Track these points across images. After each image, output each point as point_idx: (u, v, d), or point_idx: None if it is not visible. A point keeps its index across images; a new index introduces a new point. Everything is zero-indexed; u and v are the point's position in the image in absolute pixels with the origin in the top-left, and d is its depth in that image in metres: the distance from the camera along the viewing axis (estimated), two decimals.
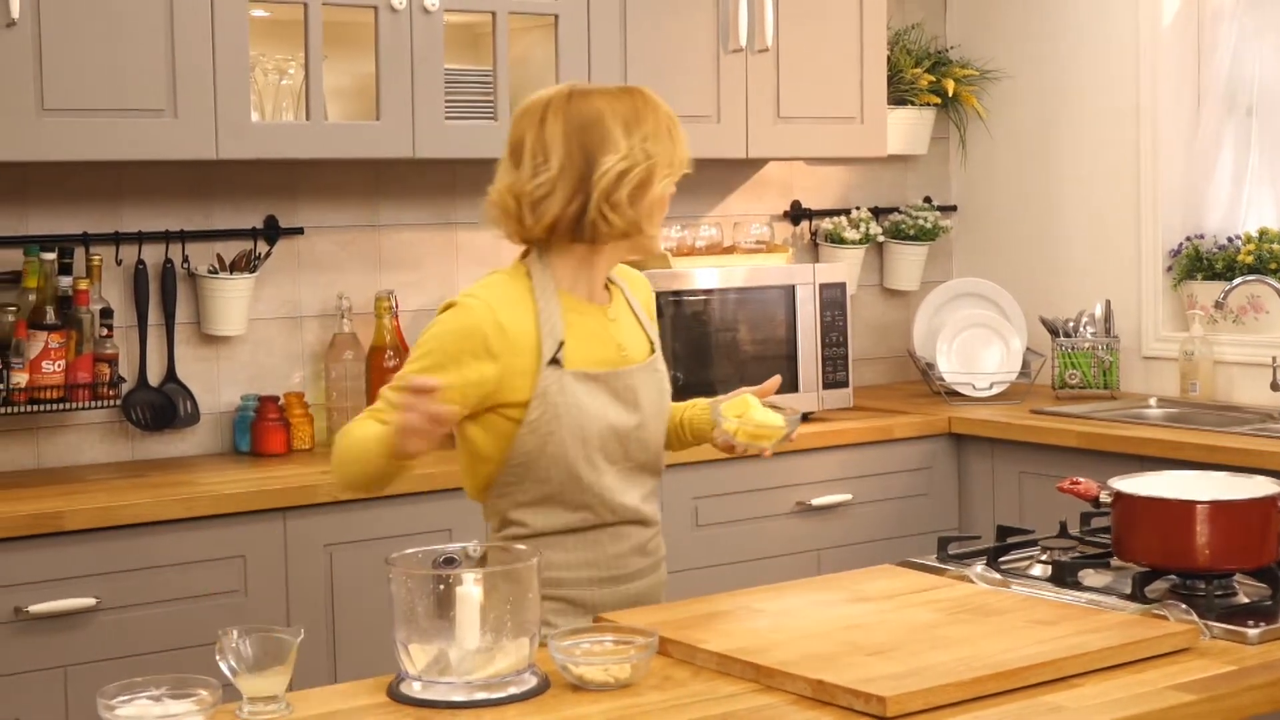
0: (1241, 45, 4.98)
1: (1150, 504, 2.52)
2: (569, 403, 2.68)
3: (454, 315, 2.69)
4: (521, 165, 2.71)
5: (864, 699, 2.02)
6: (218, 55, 3.89)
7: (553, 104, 2.71)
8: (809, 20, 4.78)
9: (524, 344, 2.68)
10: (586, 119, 2.67)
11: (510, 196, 2.73)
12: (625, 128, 2.67)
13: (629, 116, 2.68)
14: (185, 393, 4.24)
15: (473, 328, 2.66)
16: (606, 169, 2.64)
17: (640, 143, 2.67)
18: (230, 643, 2.10)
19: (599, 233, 2.68)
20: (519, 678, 2.15)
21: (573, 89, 2.73)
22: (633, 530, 2.80)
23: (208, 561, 3.69)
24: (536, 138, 2.70)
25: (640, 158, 2.67)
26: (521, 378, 2.67)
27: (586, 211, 2.66)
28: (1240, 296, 4.87)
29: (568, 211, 2.67)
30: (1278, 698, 2.16)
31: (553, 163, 2.67)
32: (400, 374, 2.70)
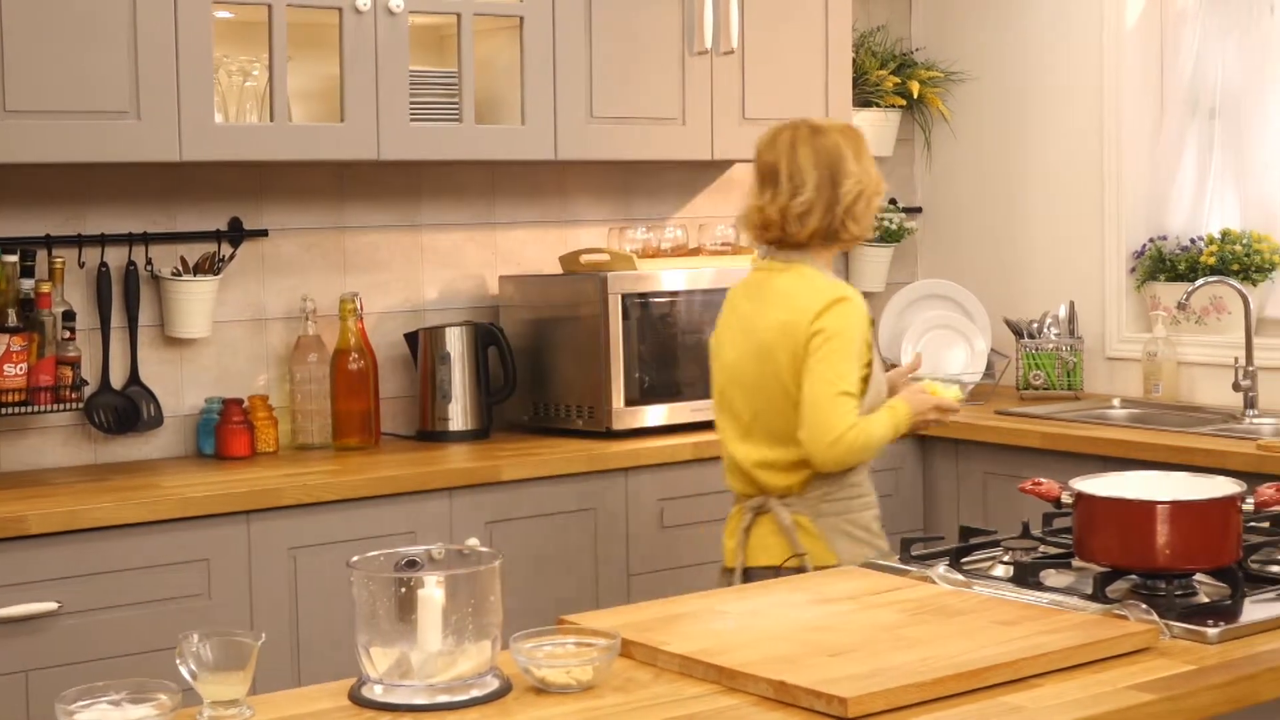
0: (1204, 47, 5.01)
1: (1111, 504, 2.53)
2: (877, 365, 3.53)
3: (856, 306, 3.46)
4: (779, 187, 3.49)
5: (825, 700, 2.02)
6: (181, 57, 3.88)
7: (799, 137, 3.50)
8: (774, 22, 4.79)
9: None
10: (830, 150, 3.48)
11: (775, 211, 3.49)
12: (855, 156, 3.49)
13: (854, 148, 3.50)
14: (148, 395, 4.23)
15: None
16: (848, 190, 3.46)
17: (864, 168, 3.49)
18: (190, 646, 2.09)
19: (841, 239, 3.51)
20: (481, 680, 2.14)
21: (810, 125, 3.52)
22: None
23: (171, 565, 3.68)
24: (790, 164, 3.49)
25: (867, 180, 3.49)
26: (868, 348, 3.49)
27: (833, 222, 3.47)
28: (1203, 297, 4.89)
29: (823, 223, 3.47)
30: (1237, 697, 2.17)
31: (809, 185, 3.46)
32: (849, 364, 3.41)
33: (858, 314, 3.42)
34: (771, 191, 3.48)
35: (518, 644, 2.18)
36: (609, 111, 4.52)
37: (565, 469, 4.20)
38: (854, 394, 3.36)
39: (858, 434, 3.35)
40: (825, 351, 3.36)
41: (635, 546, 4.31)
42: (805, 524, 3.47)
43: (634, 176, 5.03)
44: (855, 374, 3.38)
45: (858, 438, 3.35)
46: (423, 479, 4.01)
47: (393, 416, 4.61)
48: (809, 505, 3.48)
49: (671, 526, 4.37)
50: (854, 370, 3.38)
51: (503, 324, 4.66)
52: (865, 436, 3.37)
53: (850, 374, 3.37)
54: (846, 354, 3.37)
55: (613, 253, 4.63)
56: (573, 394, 4.52)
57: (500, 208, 4.81)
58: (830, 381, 3.35)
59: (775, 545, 3.50)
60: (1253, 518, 2.83)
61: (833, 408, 3.34)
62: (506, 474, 4.11)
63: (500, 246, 4.82)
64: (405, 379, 4.64)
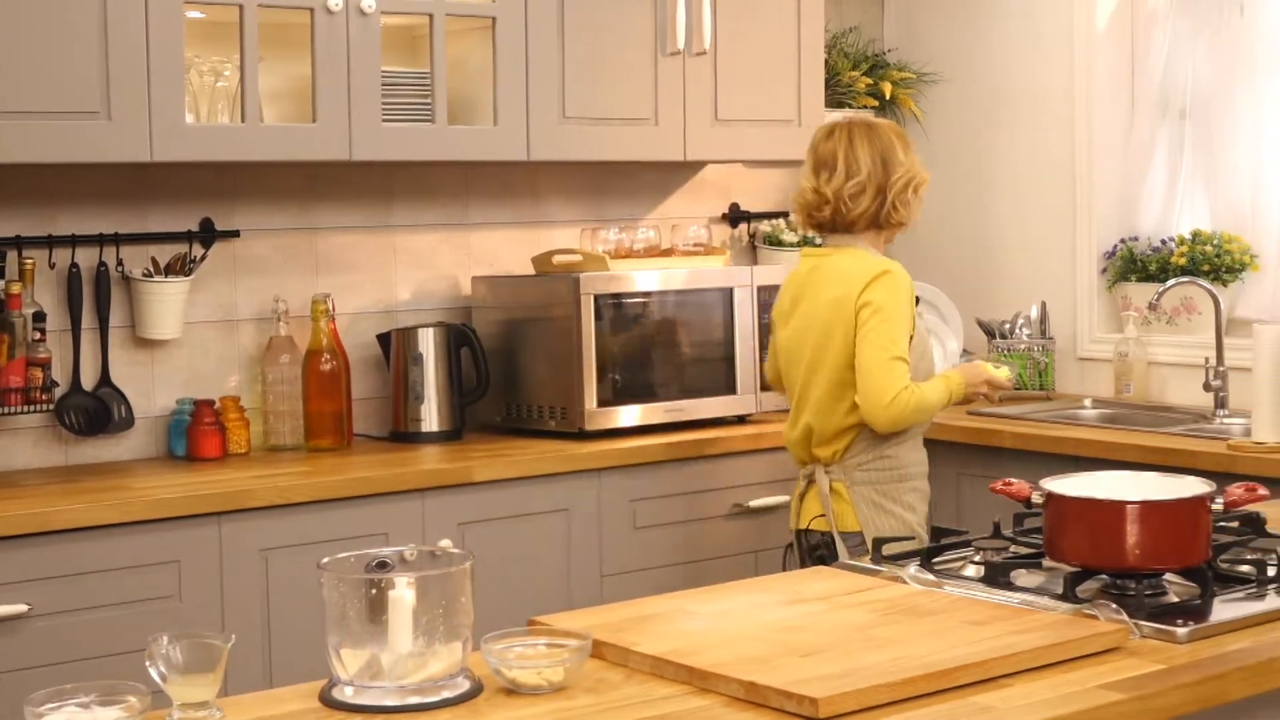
0: (1175, 49, 5.03)
1: (1081, 504, 2.53)
2: (923, 334, 3.91)
3: (900, 278, 3.79)
4: (835, 170, 3.83)
5: (796, 700, 2.02)
6: (152, 57, 3.87)
7: (855, 130, 3.87)
8: (746, 23, 4.80)
9: None
10: (884, 142, 3.84)
11: (830, 192, 3.82)
12: (904, 149, 3.86)
13: (903, 143, 3.87)
14: (119, 397, 4.22)
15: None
16: (899, 177, 3.82)
17: (912, 160, 3.86)
18: (160, 649, 2.08)
19: (889, 222, 3.85)
20: (452, 682, 2.14)
21: (866, 121, 3.91)
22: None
23: (142, 567, 3.66)
24: (848, 152, 3.83)
25: (914, 170, 3.84)
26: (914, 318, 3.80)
27: (883, 205, 3.82)
28: (1173, 298, 4.91)
29: (873, 205, 3.81)
30: (1206, 696, 2.18)
31: (863, 170, 3.80)
32: (898, 331, 3.73)
33: (902, 285, 3.75)
34: (828, 174, 3.83)
35: (489, 645, 2.18)
36: (581, 112, 4.52)
37: (538, 470, 4.20)
38: (905, 359, 3.69)
39: (910, 395, 3.67)
40: (875, 321, 3.69)
41: (608, 547, 4.31)
42: (840, 490, 3.81)
43: (607, 177, 5.03)
44: (904, 340, 3.70)
45: (910, 399, 3.67)
46: (395, 480, 4.00)
47: (365, 417, 4.60)
48: (846, 473, 3.81)
49: (644, 527, 4.37)
50: (903, 337, 3.70)
51: (475, 325, 4.66)
52: (919, 399, 3.69)
53: (900, 340, 3.69)
54: (895, 322, 3.69)
55: (585, 253, 4.63)
56: (545, 395, 4.51)
57: (473, 208, 4.81)
58: (882, 348, 3.67)
59: (817, 510, 3.85)
60: (1222, 517, 2.85)
61: (886, 372, 3.66)
62: (479, 475, 4.10)
63: (473, 247, 4.82)
64: (378, 380, 4.63)
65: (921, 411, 3.72)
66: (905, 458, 3.85)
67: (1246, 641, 2.33)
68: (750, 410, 4.71)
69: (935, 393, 3.76)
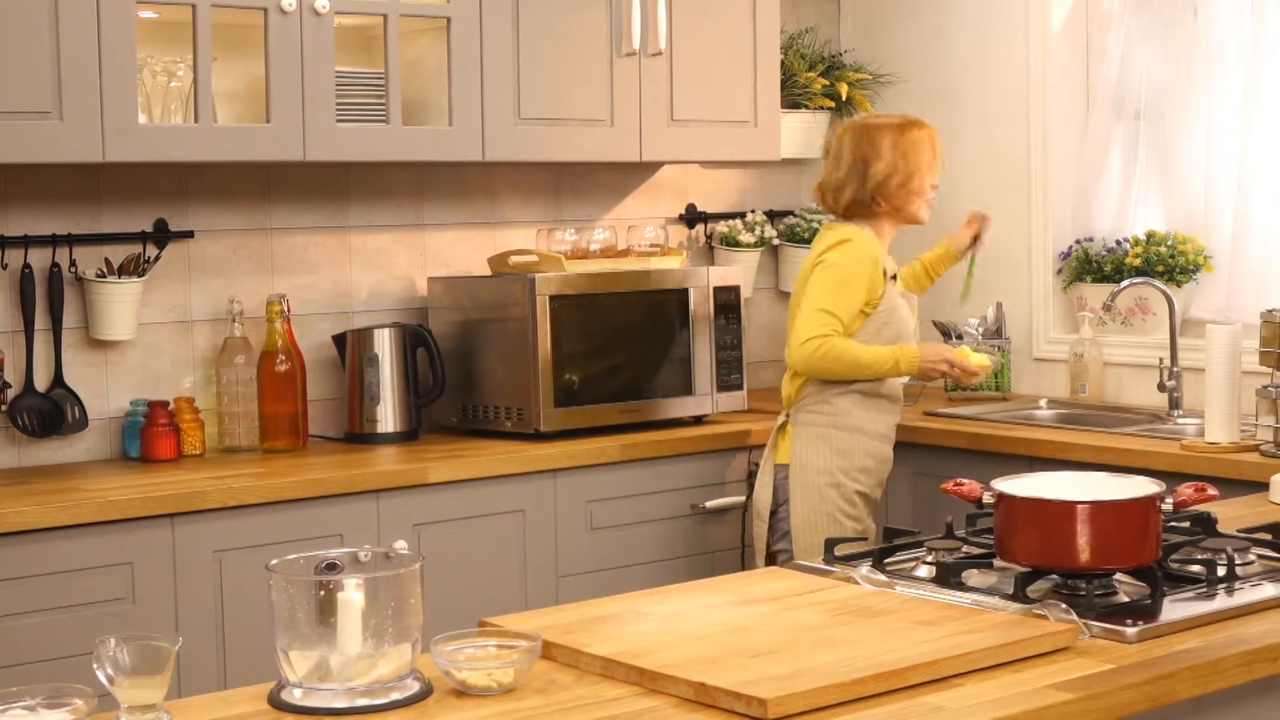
0: (1129, 50, 5.05)
1: (1031, 505, 2.54)
2: (894, 307, 4.15)
3: (856, 246, 4.13)
4: (826, 167, 4.29)
5: (745, 701, 2.02)
6: (104, 57, 3.84)
7: (850, 127, 4.26)
8: (702, 24, 4.80)
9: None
10: (869, 140, 4.17)
11: (821, 184, 4.28)
12: (893, 145, 4.16)
13: (895, 138, 4.16)
14: (73, 398, 4.19)
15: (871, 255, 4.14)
16: (877, 171, 4.14)
17: (900, 155, 4.15)
18: (108, 651, 2.07)
19: (879, 210, 4.19)
20: (401, 683, 2.13)
21: (866, 119, 4.29)
22: (896, 408, 4.27)
23: (94, 569, 3.65)
24: (836, 150, 4.24)
25: (899, 165, 4.14)
26: (878, 287, 4.12)
27: (866, 198, 4.16)
28: (1128, 299, 4.93)
29: (856, 197, 4.17)
30: (1154, 696, 2.19)
31: (842, 169, 4.19)
32: (840, 290, 4.11)
33: (857, 252, 4.08)
34: (827, 168, 4.29)
35: (438, 646, 2.18)
36: (537, 113, 4.52)
37: (493, 471, 4.19)
38: (834, 314, 4.03)
39: (828, 344, 4.01)
40: (819, 277, 4.07)
41: (564, 548, 4.31)
42: (788, 427, 4.21)
43: (563, 178, 5.03)
44: (844, 299, 4.04)
45: (825, 347, 4.01)
46: (349, 481, 3.99)
47: (321, 418, 4.59)
48: (795, 412, 4.19)
49: (600, 528, 4.36)
50: (842, 296, 4.04)
51: (431, 325, 4.65)
52: (837, 350, 4.02)
53: (834, 297, 4.04)
54: (838, 281, 4.05)
55: (541, 254, 4.62)
56: (501, 395, 4.51)
57: (429, 209, 4.80)
58: (814, 299, 4.04)
59: (781, 446, 4.23)
60: (1174, 517, 2.86)
61: (808, 319, 4.04)
62: (434, 476, 4.09)
63: (429, 248, 4.80)
64: (333, 381, 4.62)
65: (839, 362, 4.03)
66: (847, 410, 4.15)
67: (1195, 641, 2.34)
68: (707, 411, 4.71)
69: (866, 353, 4.06)
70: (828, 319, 4.03)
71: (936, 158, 4.25)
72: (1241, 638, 2.35)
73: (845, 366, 4.05)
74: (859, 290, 4.07)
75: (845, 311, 4.05)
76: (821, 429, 4.15)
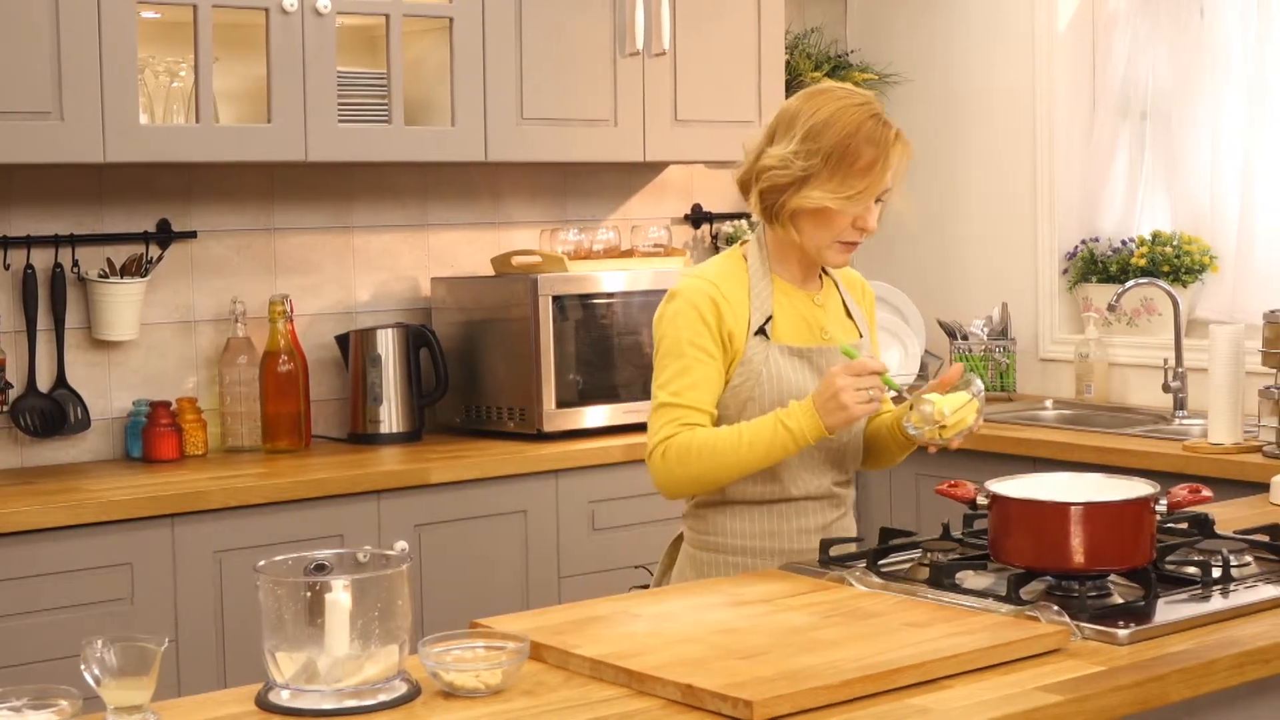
0: (1135, 51, 5.03)
1: (1024, 506, 2.53)
2: (771, 372, 2.86)
3: (680, 303, 2.86)
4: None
5: (732, 703, 2.02)
6: (105, 57, 3.85)
7: (794, 96, 2.89)
8: (706, 24, 4.79)
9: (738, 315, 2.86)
10: (784, 113, 2.86)
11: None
12: (808, 131, 2.78)
13: (820, 123, 2.78)
14: (75, 398, 4.20)
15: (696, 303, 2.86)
16: (766, 161, 2.82)
17: (805, 149, 2.78)
18: (95, 652, 2.06)
19: (766, 218, 2.87)
20: (389, 685, 2.13)
21: (821, 86, 2.90)
22: (822, 509, 2.96)
23: (94, 569, 3.65)
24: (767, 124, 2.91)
25: (795, 165, 2.78)
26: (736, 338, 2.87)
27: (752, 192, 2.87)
28: (1133, 299, 4.92)
29: (750, 185, 2.88)
30: (1145, 698, 2.18)
31: (753, 147, 2.89)
32: (670, 368, 2.85)
33: (684, 309, 2.84)
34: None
35: (426, 648, 2.17)
36: (540, 113, 4.51)
37: (495, 471, 4.19)
38: (678, 403, 2.81)
39: (673, 444, 2.80)
40: (655, 361, 2.88)
41: (566, 549, 4.30)
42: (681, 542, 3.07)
43: (568, 178, 5.02)
44: (688, 376, 2.81)
45: (670, 450, 2.81)
46: (351, 482, 3.99)
47: (324, 419, 4.59)
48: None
49: (603, 529, 4.36)
50: (682, 372, 2.81)
51: (435, 326, 4.65)
52: (680, 449, 2.79)
53: (672, 381, 2.82)
54: (669, 357, 2.84)
55: (544, 254, 4.62)
56: (504, 396, 4.50)
57: (433, 209, 4.79)
58: (653, 394, 2.87)
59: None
60: (1171, 519, 2.85)
61: (650, 420, 2.87)
62: (435, 476, 4.09)
63: (433, 248, 4.80)
64: (337, 381, 4.62)
65: (695, 460, 2.79)
66: (719, 524, 2.94)
67: (1188, 643, 2.32)
68: None
69: (723, 437, 2.78)
70: (668, 413, 2.82)
71: (869, 177, 2.86)
72: (1234, 639, 2.34)
73: (707, 461, 2.79)
74: (701, 353, 2.82)
75: (694, 392, 2.81)
76: (697, 552, 2.99)
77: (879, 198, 2.87)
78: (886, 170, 2.82)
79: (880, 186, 2.83)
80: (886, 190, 2.86)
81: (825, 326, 2.96)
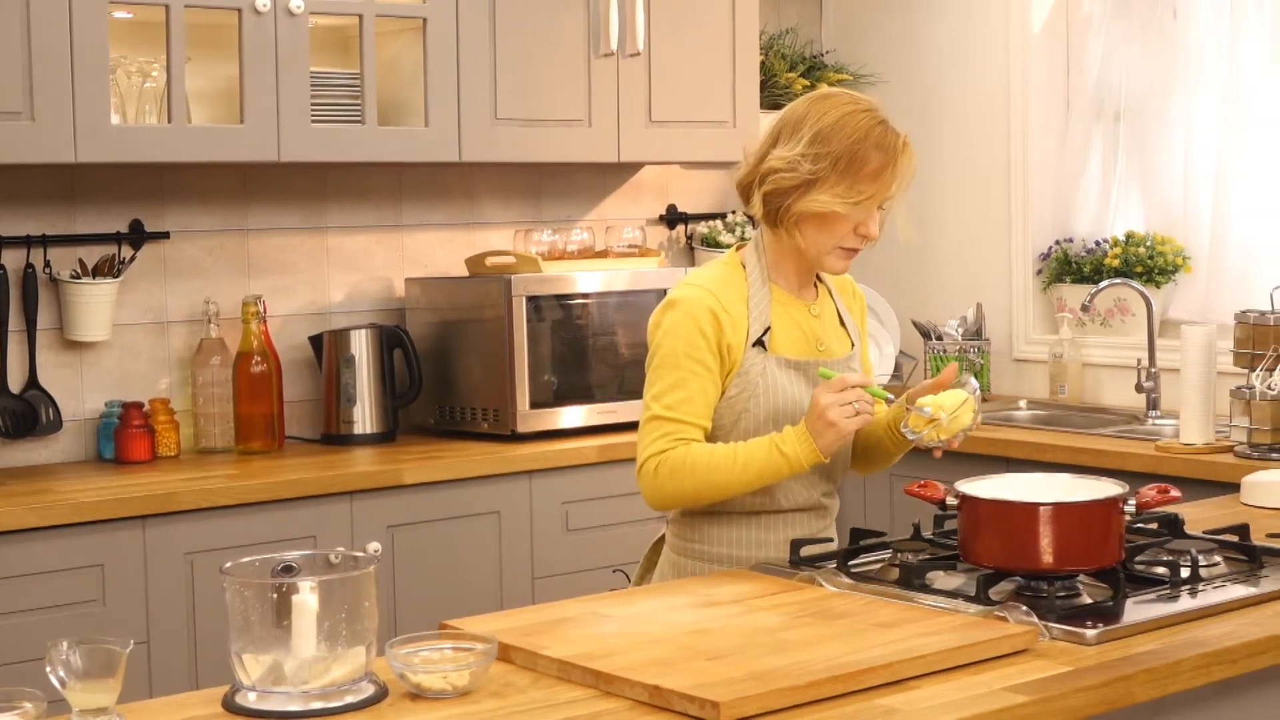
0: (1109, 52, 5.05)
1: (993, 506, 2.54)
2: (768, 384, 2.84)
3: (679, 313, 2.84)
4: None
5: (699, 704, 2.02)
6: (76, 57, 3.83)
7: (799, 100, 2.90)
8: (680, 24, 4.79)
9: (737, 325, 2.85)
10: (790, 116, 2.86)
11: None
12: (816, 135, 2.78)
13: (828, 127, 2.78)
14: (47, 400, 4.18)
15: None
16: (771, 164, 2.81)
17: (813, 153, 2.77)
18: (60, 654, 2.06)
19: (769, 221, 2.85)
20: (356, 686, 2.12)
21: (826, 91, 2.92)
22: (809, 520, 2.95)
23: (65, 571, 3.64)
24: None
25: (803, 167, 2.77)
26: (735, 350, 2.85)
27: (756, 195, 2.84)
28: (1107, 299, 4.93)
29: (752, 188, 2.85)
30: (1112, 698, 2.18)
31: (754, 150, 2.89)
32: (666, 379, 2.82)
33: (682, 320, 2.81)
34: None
35: (393, 649, 2.17)
36: (514, 113, 4.51)
37: (469, 472, 4.18)
38: (671, 417, 2.79)
39: (665, 460, 2.79)
40: (649, 371, 2.85)
41: (540, 550, 4.30)
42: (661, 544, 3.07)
43: (544, 179, 5.02)
44: (684, 389, 2.79)
45: (662, 465, 2.79)
46: (324, 483, 3.98)
47: (298, 420, 4.58)
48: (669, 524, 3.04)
49: (577, 529, 4.36)
50: (678, 385, 2.80)
51: (409, 327, 4.64)
52: (673, 464, 2.78)
53: (666, 393, 2.80)
54: (664, 368, 2.81)
55: (518, 255, 4.61)
56: (478, 397, 4.50)
57: (407, 210, 4.79)
58: (645, 405, 2.83)
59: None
60: (1141, 519, 2.86)
61: (641, 432, 2.84)
62: (409, 477, 4.08)
63: (407, 249, 4.80)
64: (310, 382, 4.61)
65: (687, 475, 2.77)
66: (705, 532, 2.93)
67: (1155, 644, 2.33)
68: None
69: (717, 454, 2.77)
70: (658, 426, 2.80)
71: (876, 182, 2.86)
72: (1201, 640, 2.34)
73: (700, 479, 2.78)
74: (698, 365, 2.80)
75: (688, 406, 2.79)
76: (679, 560, 2.98)
77: (882, 205, 2.87)
78: (894, 177, 2.83)
79: (886, 193, 2.84)
80: (890, 198, 2.86)
81: (821, 338, 2.96)
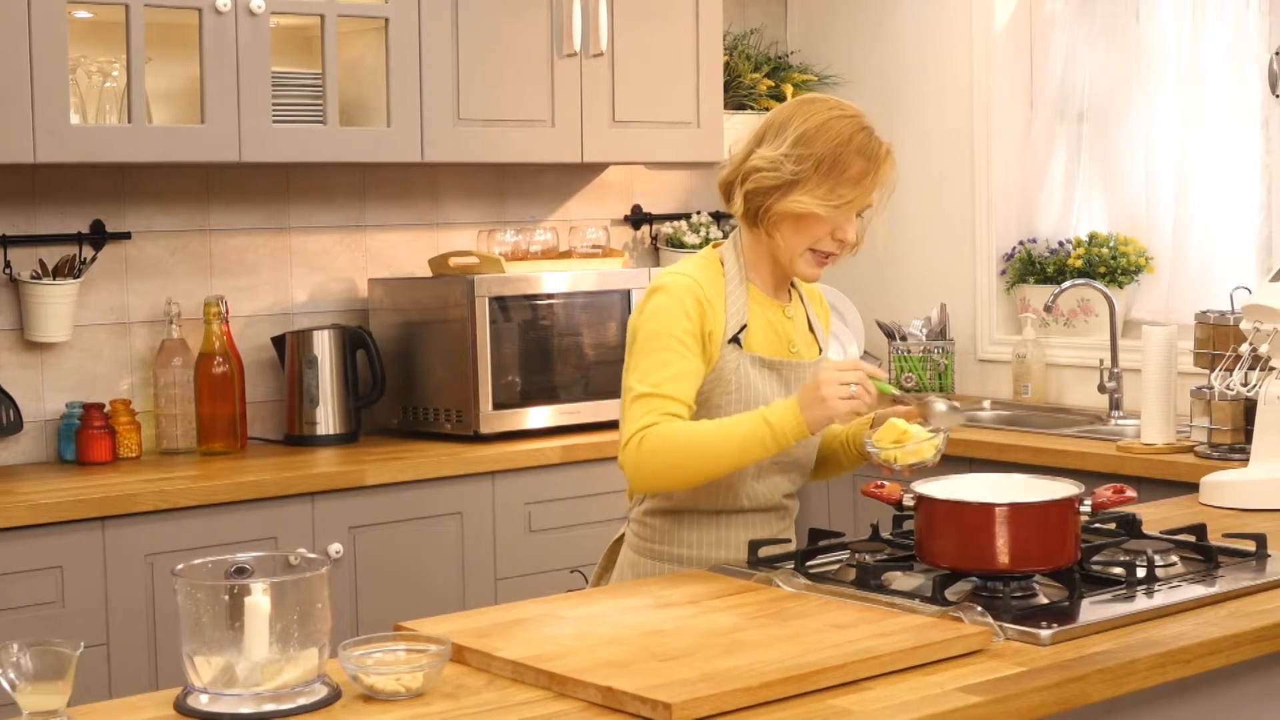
0: (1073, 52, 5.06)
1: (949, 507, 2.54)
2: (741, 382, 2.85)
3: (666, 297, 2.83)
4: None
5: (651, 705, 2.01)
6: (36, 56, 3.82)
7: (786, 103, 2.93)
8: (644, 25, 4.79)
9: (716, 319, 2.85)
10: (775, 118, 2.87)
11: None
12: (800, 137, 2.80)
13: (812, 129, 2.80)
14: (8, 401, 4.16)
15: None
16: (755, 162, 2.82)
17: (797, 154, 2.79)
18: (9, 656, 2.05)
19: (748, 220, 2.86)
20: (309, 688, 2.12)
21: (813, 95, 2.94)
22: (769, 521, 2.95)
23: (23, 573, 3.62)
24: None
25: (786, 168, 2.78)
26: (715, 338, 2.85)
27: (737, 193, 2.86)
28: (1070, 300, 4.94)
29: (734, 186, 2.87)
30: (1065, 698, 2.18)
31: (739, 150, 2.89)
32: (651, 360, 2.80)
33: (667, 303, 2.80)
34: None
35: (346, 651, 2.16)
36: (477, 114, 4.50)
37: (431, 473, 4.17)
38: (658, 394, 2.74)
39: (651, 433, 2.72)
40: (631, 355, 2.82)
41: (502, 551, 4.29)
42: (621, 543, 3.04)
43: (507, 179, 5.01)
44: (669, 369, 2.76)
45: (647, 439, 2.72)
46: (285, 484, 3.97)
47: (261, 421, 4.56)
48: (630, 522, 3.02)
49: (539, 530, 4.35)
50: (663, 365, 2.77)
51: (372, 327, 4.63)
52: (659, 437, 2.71)
53: (652, 372, 2.77)
54: (649, 349, 2.78)
55: (481, 255, 4.61)
56: (442, 397, 4.49)
57: (370, 210, 4.78)
58: (628, 388, 2.79)
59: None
60: (1099, 519, 2.86)
61: (626, 413, 2.78)
62: (371, 478, 4.07)
63: (371, 249, 4.78)
64: (273, 383, 4.59)
65: (665, 452, 2.71)
66: (666, 532, 2.92)
67: (1110, 643, 2.33)
68: None
69: (703, 429, 2.75)
70: (647, 403, 2.74)
71: (857, 187, 2.86)
72: (1156, 639, 2.35)
73: (673, 453, 2.71)
74: (682, 346, 2.79)
75: (674, 384, 2.76)
76: (640, 560, 2.96)
77: (861, 213, 2.87)
78: (875, 184, 2.84)
79: (866, 199, 2.85)
80: (869, 205, 2.87)
81: (793, 340, 2.96)
